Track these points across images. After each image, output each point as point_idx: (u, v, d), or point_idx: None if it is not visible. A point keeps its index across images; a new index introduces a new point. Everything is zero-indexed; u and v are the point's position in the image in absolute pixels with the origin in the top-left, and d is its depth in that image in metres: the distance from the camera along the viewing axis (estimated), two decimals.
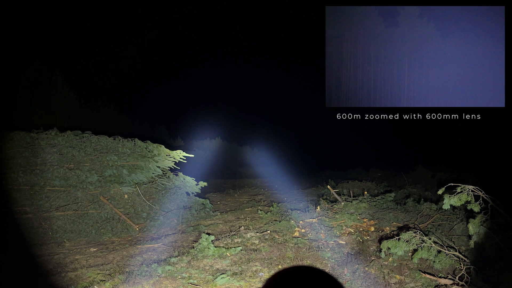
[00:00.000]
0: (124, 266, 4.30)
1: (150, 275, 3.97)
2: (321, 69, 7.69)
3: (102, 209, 6.05)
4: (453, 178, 7.15)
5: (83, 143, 6.63)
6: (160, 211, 6.48)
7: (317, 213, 6.41)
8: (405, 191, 7.90)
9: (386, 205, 6.61)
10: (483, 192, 3.99)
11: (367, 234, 5.33)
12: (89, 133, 6.88)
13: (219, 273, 4.08)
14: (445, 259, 4.01)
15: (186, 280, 3.94)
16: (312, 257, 4.63)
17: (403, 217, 5.91)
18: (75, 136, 6.71)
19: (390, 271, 4.12)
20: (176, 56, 19.71)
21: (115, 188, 6.30)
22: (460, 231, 5.05)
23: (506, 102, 7.20)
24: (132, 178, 6.60)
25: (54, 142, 6.51)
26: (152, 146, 7.08)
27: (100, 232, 5.75)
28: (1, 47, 13.06)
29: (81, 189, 6.11)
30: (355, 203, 6.65)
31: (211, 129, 20.18)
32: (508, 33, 6.97)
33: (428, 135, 14.63)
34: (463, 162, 11.18)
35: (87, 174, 6.26)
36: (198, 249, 4.68)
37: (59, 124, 11.99)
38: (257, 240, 5.16)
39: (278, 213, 6.63)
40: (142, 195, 6.48)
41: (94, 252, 4.92)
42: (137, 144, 6.97)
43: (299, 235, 5.42)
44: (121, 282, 3.80)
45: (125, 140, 6.91)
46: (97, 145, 6.69)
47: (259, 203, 7.97)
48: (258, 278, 3.98)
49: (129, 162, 6.66)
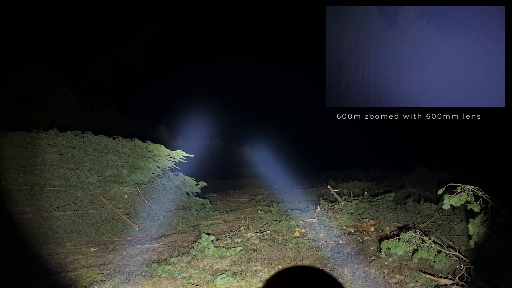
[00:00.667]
0: (124, 266, 4.30)
1: (150, 275, 3.97)
2: (321, 69, 7.69)
3: (102, 209, 6.05)
4: (453, 178, 7.16)
5: (83, 143, 6.63)
6: (160, 211, 6.48)
7: (317, 213, 6.41)
8: (405, 191, 7.90)
9: (386, 205, 6.61)
10: (483, 192, 3.99)
11: (367, 234, 5.33)
12: (89, 133, 6.88)
13: (219, 273, 4.08)
14: (445, 259, 4.01)
15: (186, 280, 3.94)
16: (312, 257, 4.63)
17: (403, 217, 5.91)
18: (75, 136, 6.71)
19: (390, 271, 4.12)
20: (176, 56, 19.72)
21: (115, 188, 6.30)
22: (460, 231, 5.05)
23: (506, 102, 7.20)
24: (132, 178, 6.60)
25: (54, 142, 6.51)
26: (152, 146, 7.08)
27: (100, 232, 5.75)
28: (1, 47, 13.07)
29: (81, 189, 6.11)
30: (355, 203, 6.65)
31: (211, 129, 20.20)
32: (508, 33, 6.97)
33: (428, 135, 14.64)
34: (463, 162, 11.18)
35: (87, 174, 6.26)
36: (198, 249, 4.68)
37: (59, 124, 11.99)
38: (257, 240, 5.16)
39: (278, 213, 6.63)
40: (142, 195, 6.48)
41: (94, 252, 4.92)
42: (137, 144, 6.97)
43: (299, 235, 5.42)
44: (121, 282, 3.80)
45: (125, 140, 6.91)
46: (97, 145, 6.69)
47: (259, 203, 7.97)
48: (258, 278, 3.98)
49: (129, 162, 6.66)
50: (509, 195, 5.19)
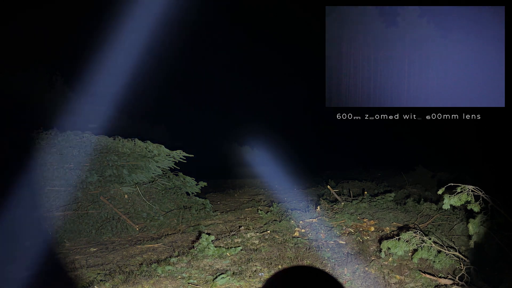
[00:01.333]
0: (124, 266, 4.30)
1: (150, 275, 3.97)
2: (321, 69, 7.69)
3: (102, 209, 6.05)
4: (453, 178, 7.14)
5: (83, 143, 6.63)
6: (160, 211, 6.48)
7: (317, 213, 6.41)
8: (405, 191, 7.90)
9: (386, 205, 6.61)
10: (483, 192, 3.99)
11: (367, 234, 5.33)
12: (89, 133, 6.88)
13: (219, 273, 4.08)
14: (445, 259, 4.01)
15: (186, 280, 3.94)
16: (312, 257, 4.63)
17: (403, 217, 5.91)
18: (75, 136, 6.72)
19: (390, 271, 4.12)
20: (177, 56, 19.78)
21: (115, 188, 6.30)
22: (460, 231, 5.06)
23: (506, 102, 7.20)
24: (132, 178, 6.60)
25: (54, 142, 6.52)
26: (152, 146, 7.08)
27: (100, 232, 5.75)
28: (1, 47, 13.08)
29: (81, 189, 6.11)
30: (355, 203, 6.66)
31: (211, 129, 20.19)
32: (508, 33, 6.97)
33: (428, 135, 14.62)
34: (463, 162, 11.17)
35: (87, 174, 6.26)
36: (198, 249, 4.68)
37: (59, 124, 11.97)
38: (257, 240, 5.16)
39: (278, 213, 6.63)
40: (142, 195, 6.48)
41: (94, 252, 4.92)
42: (137, 144, 6.97)
43: (299, 235, 5.42)
44: (121, 282, 3.80)
45: (125, 140, 6.92)
46: (97, 145, 6.69)
47: (259, 203, 7.97)
48: (258, 278, 3.98)
49: (129, 162, 6.66)
50: (509, 195, 5.19)
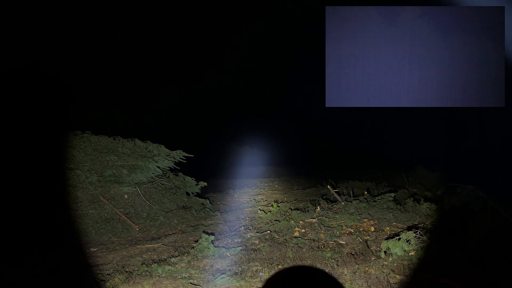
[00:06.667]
0: (124, 266, 4.30)
1: (150, 275, 3.97)
2: (321, 69, 7.69)
3: (102, 209, 6.05)
4: (453, 178, 7.14)
5: (83, 143, 6.63)
6: (160, 211, 6.48)
7: (317, 213, 6.41)
8: (405, 191, 7.90)
9: (386, 205, 6.61)
10: (483, 192, 4.00)
11: (367, 234, 5.33)
12: (89, 133, 6.88)
13: (219, 273, 4.08)
14: (445, 259, 4.01)
15: (186, 280, 3.94)
16: (312, 257, 4.63)
17: (403, 217, 5.91)
18: (75, 136, 6.72)
19: (390, 271, 4.12)
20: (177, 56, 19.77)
21: (115, 188, 6.30)
22: (460, 231, 5.05)
23: (506, 102, 7.19)
24: (132, 178, 6.60)
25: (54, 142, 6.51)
26: (152, 146, 7.08)
27: (100, 232, 5.75)
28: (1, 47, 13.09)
29: (81, 189, 6.11)
30: (355, 203, 6.66)
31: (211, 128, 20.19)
32: (508, 33, 6.97)
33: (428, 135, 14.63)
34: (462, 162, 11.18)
35: (87, 174, 6.26)
36: (198, 249, 4.68)
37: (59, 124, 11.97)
38: (257, 240, 5.16)
39: (278, 213, 6.63)
40: (142, 195, 6.48)
41: (94, 252, 4.92)
42: (137, 144, 6.97)
43: (299, 235, 5.42)
44: (121, 282, 3.80)
45: (125, 140, 6.92)
46: (97, 145, 6.69)
47: (259, 203, 7.97)
48: (258, 278, 3.98)
49: (129, 162, 6.67)
50: (509, 195, 5.19)
